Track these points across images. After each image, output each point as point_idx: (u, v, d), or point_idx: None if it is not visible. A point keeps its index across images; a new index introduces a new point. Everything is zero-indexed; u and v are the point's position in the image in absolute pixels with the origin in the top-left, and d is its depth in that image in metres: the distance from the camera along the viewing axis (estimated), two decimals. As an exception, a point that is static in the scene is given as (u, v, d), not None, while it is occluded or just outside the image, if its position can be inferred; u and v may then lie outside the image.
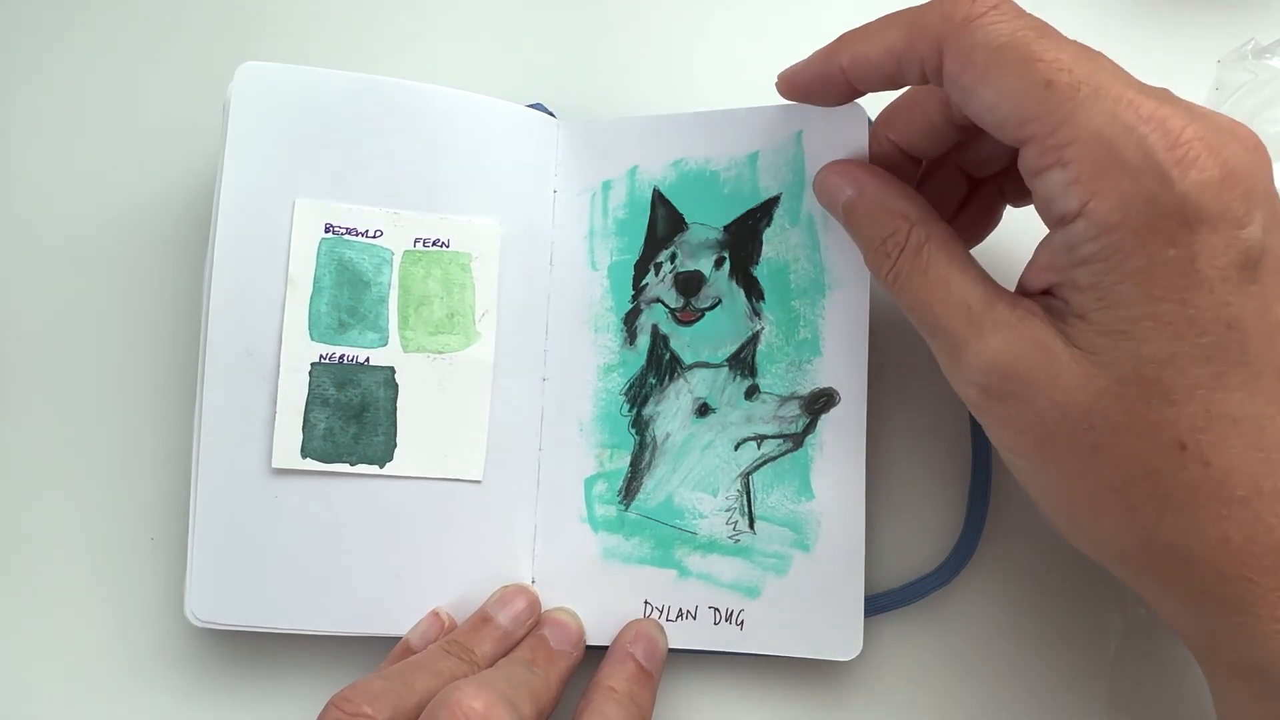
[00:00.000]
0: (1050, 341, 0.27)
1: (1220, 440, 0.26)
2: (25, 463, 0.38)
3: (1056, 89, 0.26)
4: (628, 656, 0.34)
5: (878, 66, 0.30)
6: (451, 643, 0.33)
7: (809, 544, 0.35)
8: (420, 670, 0.31)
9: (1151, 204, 0.25)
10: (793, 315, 0.36)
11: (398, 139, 0.35)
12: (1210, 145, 0.25)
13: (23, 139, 0.39)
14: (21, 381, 0.38)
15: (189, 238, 0.39)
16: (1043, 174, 0.26)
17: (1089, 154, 0.25)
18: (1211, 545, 0.26)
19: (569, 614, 0.35)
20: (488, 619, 0.34)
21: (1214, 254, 0.25)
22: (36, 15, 0.40)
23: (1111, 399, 0.26)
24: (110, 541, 0.37)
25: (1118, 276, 0.26)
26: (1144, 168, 0.25)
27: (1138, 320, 0.26)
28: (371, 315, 0.35)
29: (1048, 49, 0.26)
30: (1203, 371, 0.26)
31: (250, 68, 0.35)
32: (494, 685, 0.29)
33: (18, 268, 0.39)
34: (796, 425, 0.35)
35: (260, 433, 0.34)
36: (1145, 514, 0.27)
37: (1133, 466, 0.26)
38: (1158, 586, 0.28)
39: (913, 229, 0.30)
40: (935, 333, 0.29)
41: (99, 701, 0.37)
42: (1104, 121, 0.25)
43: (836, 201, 0.33)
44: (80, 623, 0.37)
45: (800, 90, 0.33)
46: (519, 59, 0.40)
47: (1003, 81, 0.26)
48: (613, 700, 0.32)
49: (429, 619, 0.34)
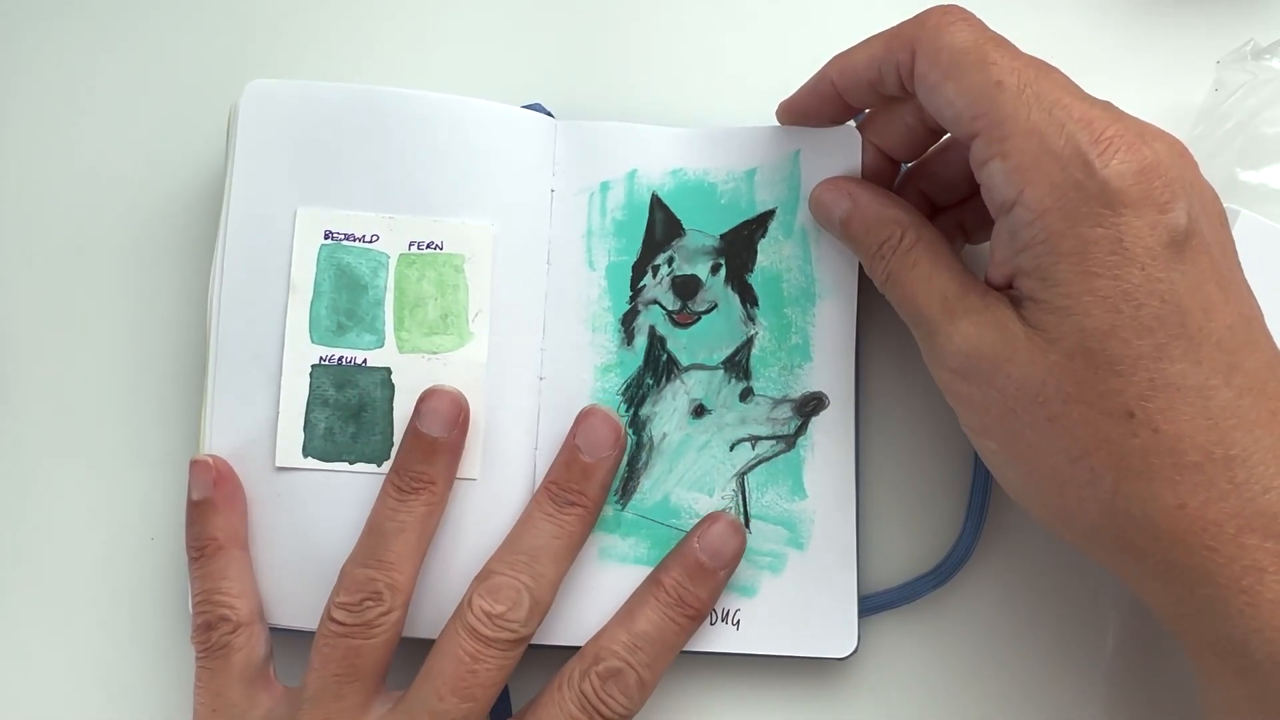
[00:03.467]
0: (1010, 323, 0.29)
1: (1167, 408, 0.27)
2: (28, 463, 0.38)
3: (1005, 88, 0.29)
4: (690, 550, 0.34)
5: (862, 74, 0.33)
6: (400, 473, 0.34)
7: (803, 542, 0.36)
8: (384, 536, 0.33)
9: (1078, 189, 0.28)
10: (785, 322, 0.36)
11: (394, 146, 0.36)
12: (1130, 142, 0.28)
13: (30, 145, 0.40)
14: (25, 382, 0.39)
15: (193, 242, 0.39)
16: (987, 164, 0.29)
17: (1026, 146, 0.28)
18: (1170, 513, 0.27)
19: (600, 414, 0.35)
20: (419, 435, 0.34)
21: (1139, 234, 0.27)
22: (44, 21, 0.41)
23: (1062, 372, 0.28)
24: (111, 541, 0.38)
25: (1055, 257, 0.28)
26: (1071, 157, 0.28)
27: (1078, 296, 0.28)
28: (369, 317, 0.36)
29: (1003, 56, 0.29)
30: (1144, 343, 0.27)
31: (257, 86, 0.36)
32: (508, 573, 0.33)
33: (24, 270, 0.40)
34: (788, 427, 0.36)
35: (264, 433, 0.35)
36: (1104, 483, 0.28)
37: (1087, 435, 0.28)
38: (1128, 563, 0.29)
39: (905, 232, 0.32)
40: (917, 321, 0.32)
41: (100, 701, 0.37)
42: (1040, 119, 0.28)
43: (833, 215, 0.35)
44: (81, 622, 0.38)
45: (798, 111, 0.36)
46: (518, 59, 0.41)
47: (962, 78, 0.29)
48: (652, 600, 0.34)
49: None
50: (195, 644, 0.34)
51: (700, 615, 0.34)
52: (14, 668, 0.37)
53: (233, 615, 0.33)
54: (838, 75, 0.33)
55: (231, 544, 0.34)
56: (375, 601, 0.32)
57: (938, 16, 0.30)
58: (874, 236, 0.33)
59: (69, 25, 0.41)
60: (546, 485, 0.35)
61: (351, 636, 0.32)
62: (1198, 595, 0.27)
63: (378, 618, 0.32)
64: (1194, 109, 0.38)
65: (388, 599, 0.32)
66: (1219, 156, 0.37)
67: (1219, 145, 0.37)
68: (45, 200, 0.40)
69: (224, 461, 0.35)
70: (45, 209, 0.40)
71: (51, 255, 0.40)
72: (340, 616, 0.32)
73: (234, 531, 0.34)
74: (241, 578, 0.34)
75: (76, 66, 0.41)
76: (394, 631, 0.33)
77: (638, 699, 0.33)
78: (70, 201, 0.40)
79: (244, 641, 0.33)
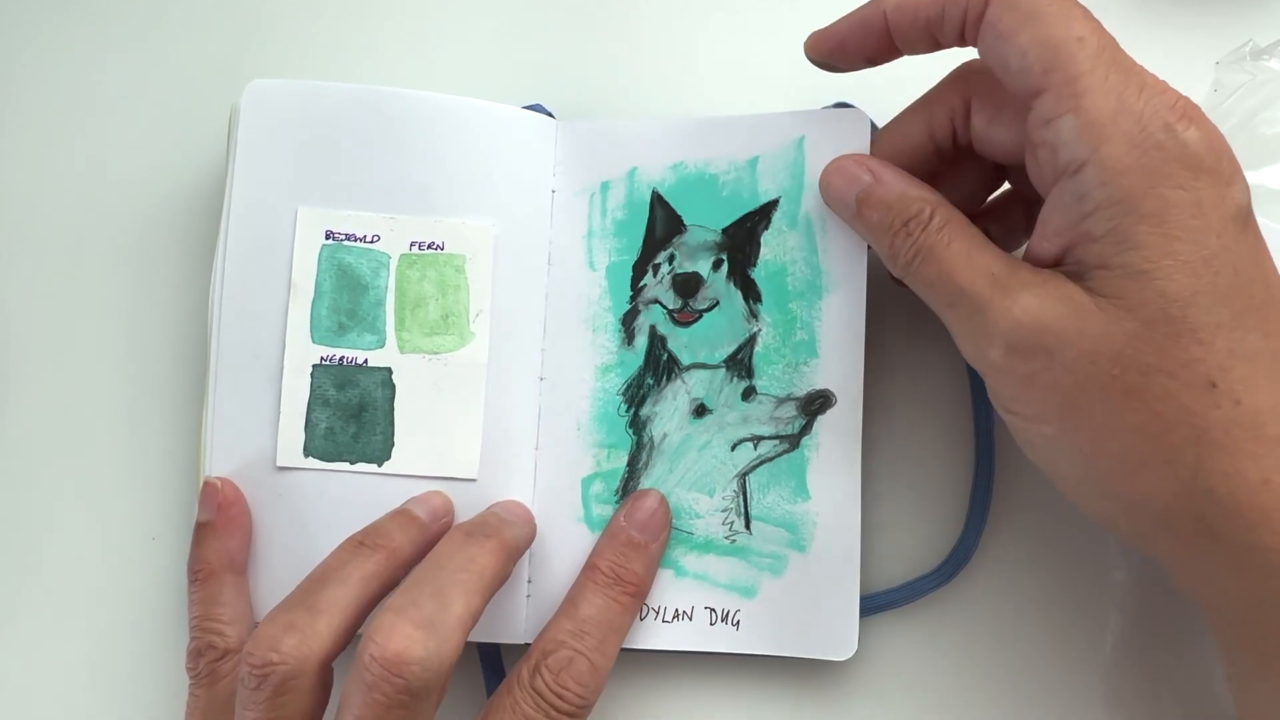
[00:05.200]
0: (1076, 295, 0.28)
1: (1248, 378, 0.27)
2: (28, 462, 0.38)
3: (1085, 45, 0.28)
4: (620, 529, 0.34)
5: (923, 9, 0.31)
6: (366, 533, 0.33)
7: (805, 544, 0.35)
8: (326, 584, 0.31)
9: (1160, 149, 0.27)
10: (790, 317, 0.36)
11: (395, 146, 0.36)
12: (1200, 116, 0.28)
13: (31, 145, 0.40)
14: (25, 381, 0.39)
15: (193, 242, 0.39)
16: (1056, 121, 0.28)
17: (1104, 103, 0.27)
18: (1254, 488, 0.26)
19: (516, 502, 0.35)
20: (403, 511, 0.34)
21: (1214, 202, 0.27)
22: (44, 22, 0.41)
23: (1142, 341, 0.27)
24: (111, 541, 0.38)
25: (1134, 218, 0.27)
26: (1152, 117, 0.27)
27: (1159, 260, 0.27)
28: (369, 317, 0.36)
29: (1085, 15, 0.29)
30: (1223, 310, 0.27)
31: (257, 86, 0.36)
32: (412, 608, 0.29)
33: (24, 270, 0.40)
34: (793, 426, 0.35)
35: (265, 433, 0.35)
36: (1185, 460, 0.27)
37: (1168, 409, 0.27)
38: (1202, 549, 0.28)
39: (935, 210, 0.31)
40: (957, 300, 0.30)
41: (100, 700, 0.37)
42: (1118, 79, 0.28)
43: (850, 190, 0.33)
44: (81, 622, 0.38)
45: (835, 40, 0.33)
46: (519, 59, 0.41)
47: (1040, 28, 0.28)
48: (590, 585, 0.33)
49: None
50: (186, 669, 0.33)
51: (639, 592, 0.34)
52: (14, 667, 0.37)
53: (220, 642, 0.33)
54: (894, 9, 0.31)
55: (226, 570, 0.34)
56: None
57: None
58: (898, 214, 0.31)
59: (69, 25, 0.41)
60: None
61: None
62: (1273, 580, 0.26)
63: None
64: (1193, 109, 0.38)
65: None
66: (1218, 157, 0.37)
67: (1219, 145, 0.37)
68: (46, 200, 0.40)
69: (232, 486, 0.35)
70: (46, 209, 0.40)
71: (52, 255, 0.40)
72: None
73: (230, 557, 0.34)
74: (234, 604, 0.34)
75: (77, 67, 0.41)
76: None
77: (592, 685, 0.31)
78: (71, 202, 0.40)
79: (230, 668, 0.32)
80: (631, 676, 0.37)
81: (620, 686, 0.37)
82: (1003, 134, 0.32)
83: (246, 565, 0.35)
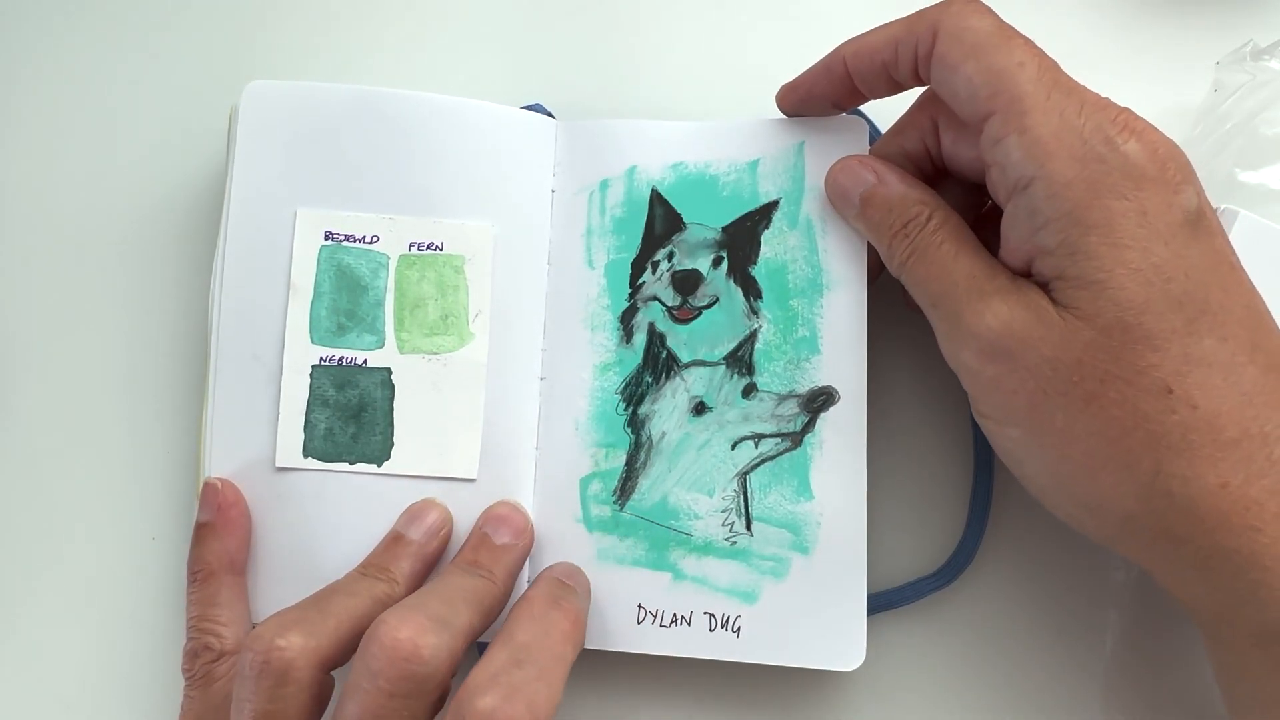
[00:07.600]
0: (1042, 304, 0.29)
1: (1203, 383, 0.27)
2: (29, 463, 0.38)
3: (1026, 69, 0.29)
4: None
5: (879, 54, 0.33)
6: (367, 565, 0.33)
7: (808, 546, 0.35)
8: (336, 594, 0.32)
9: (1101, 162, 0.28)
10: (791, 314, 0.36)
11: (394, 147, 0.36)
12: (1142, 128, 0.29)
13: (31, 145, 0.40)
14: (26, 382, 0.39)
15: (193, 242, 0.39)
16: (1004, 140, 0.29)
17: (1047, 121, 0.29)
18: (1212, 492, 0.27)
19: (509, 505, 0.35)
20: (399, 537, 0.34)
21: (1160, 210, 0.28)
22: (44, 22, 0.41)
23: (1099, 348, 0.28)
24: (111, 541, 0.38)
25: (1082, 229, 0.28)
26: (1093, 132, 0.28)
27: (1111, 269, 0.28)
28: (369, 318, 0.36)
29: (1024, 42, 0.30)
30: (1177, 317, 0.27)
31: (256, 87, 0.36)
32: (421, 607, 0.29)
33: (24, 270, 0.40)
34: (795, 424, 0.35)
35: (265, 433, 0.35)
36: (1143, 465, 0.28)
37: (1125, 414, 0.28)
38: (1165, 552, 0.28)
39: (932, 212, 0.32)
40: (939, 301, 0.31)
41: (100, 700, 0.37)
42: (1060, 99, 0.29)
43: (854, 190, 0.34)
44: (81, 621, 0.38)
45: (803, 91, 0.35)
46: (518, 60, 0.41)
47: (984, 57, 0.30)
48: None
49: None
50: (182, 670, 0.33)
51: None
52: (14, 667, 0.37)
53: (217, 644, 0.33)
54: (851, 55, 0.33)
55: (225, 570, 0.34)
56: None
57: (960, 4, 0.31)
58: (898, 215, 0.33)
59: (69, 26, 0.41)
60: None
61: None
62: (1240, 582, 0.27)
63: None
64: (1193, 109, 0.38)
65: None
66: (1218, 157, 0.37)
67: (1218, 146, 0.37)
68: (46, 200, 0.40)
69: (232, 486, 0.35)
70: (46, 209, 0.40)
71: (52, 255, 0.40)
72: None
73: (229, 558, 0.34)
74: (232, 605, 0.34)
75: (77, 67, 0.41)
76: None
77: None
78: (71, 202, 0.40)
79: (226, 670, 0.32)
80: (627, 680, 0.37)
81: (612, 690, 0.37)
82: (966, 153, 0.33)
83: (246, 566, 0.35)
